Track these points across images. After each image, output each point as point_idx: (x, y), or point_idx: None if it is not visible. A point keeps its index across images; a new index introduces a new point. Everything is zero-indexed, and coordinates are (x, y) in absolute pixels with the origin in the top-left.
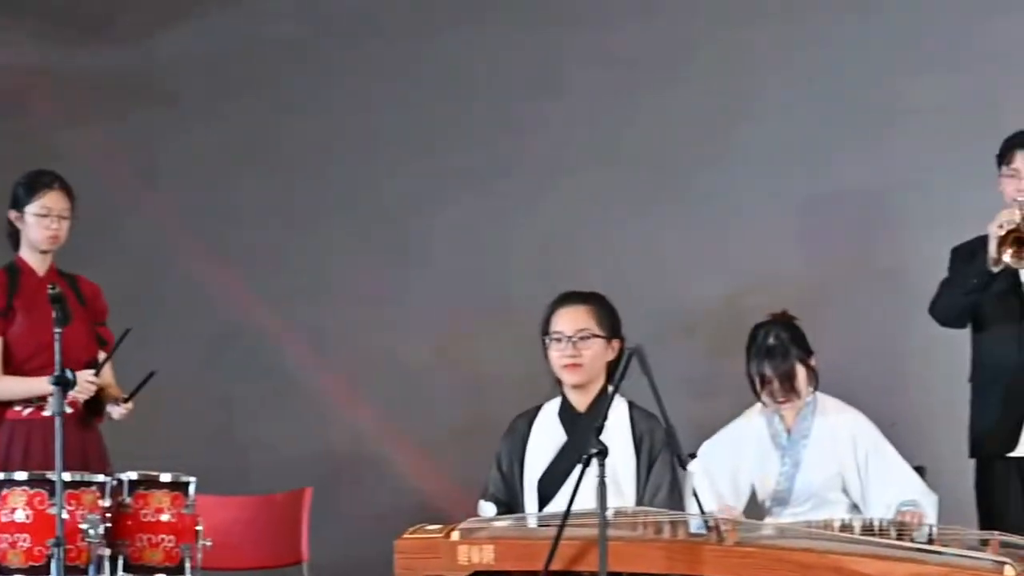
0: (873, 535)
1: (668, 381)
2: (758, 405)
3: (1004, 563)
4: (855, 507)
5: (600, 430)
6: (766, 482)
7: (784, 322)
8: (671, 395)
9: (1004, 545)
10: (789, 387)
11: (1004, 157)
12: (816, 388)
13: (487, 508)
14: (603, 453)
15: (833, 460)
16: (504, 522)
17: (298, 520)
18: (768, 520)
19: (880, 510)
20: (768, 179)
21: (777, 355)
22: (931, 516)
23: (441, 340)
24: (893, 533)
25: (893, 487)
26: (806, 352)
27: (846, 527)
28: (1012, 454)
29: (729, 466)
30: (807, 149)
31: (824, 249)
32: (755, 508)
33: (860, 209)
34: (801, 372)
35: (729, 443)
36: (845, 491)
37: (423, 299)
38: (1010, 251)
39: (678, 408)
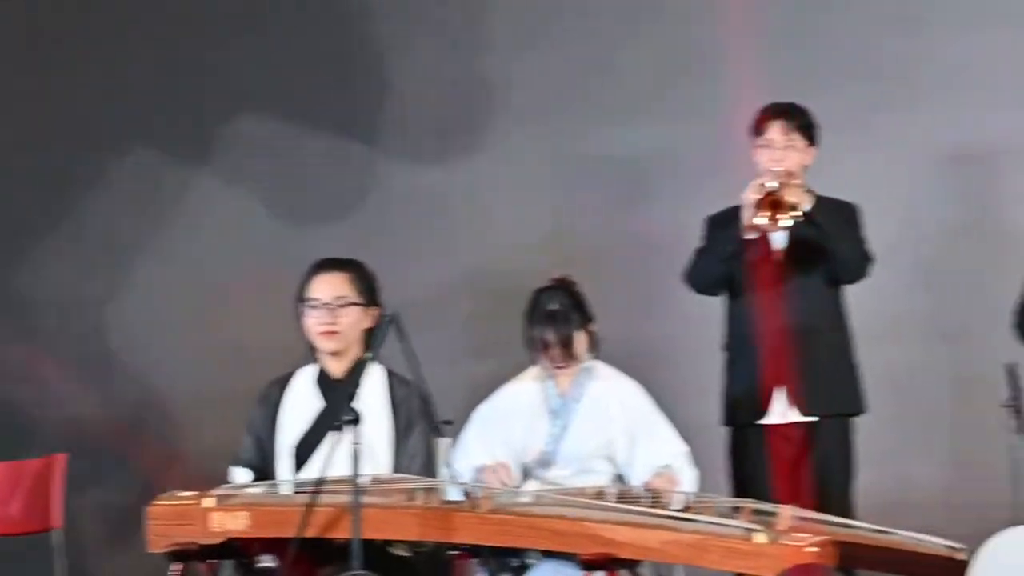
0: (628, 503)
1: (447, 344)
2: (534, 368)
3: (754, 530)
4: (619, 478)
5: (353, 397)
6: (533, 444)
7: (565, 287)
8: (452, 358)
9: (756, 512)
10: (568, 353)
11: (757, 128)
12: (596, 355)
13: (240, 474)
14: (356, 420)
15: (602, 426)
16: (258, 489)
17: (49, 487)
18: (531, 483)
19: (642, 476)
20: (539, 141)
21: (558, 320)
22: (687, 484)
23: (200, 306)
24: (647, 499)
25: (655, 454)
26: (587, 318)
27: (602, 494)
28: (763, 422)
29: (501, 428)
30: (573, 115)
31: (596, 215)
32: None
33: (627, 176)
34: (581, 338)
35: (502, 405)
36: (611, 460)
37: (183, 264)
38: (765, 216)
39: (459, 371)
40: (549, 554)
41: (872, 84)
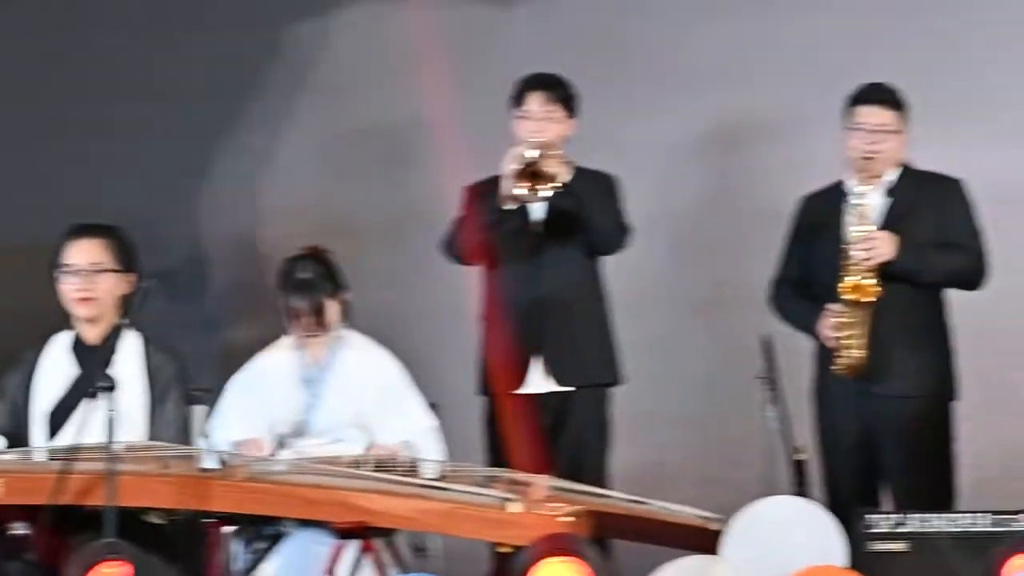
0: (384, 471)
1: (205, 312)
2: (287, 337)
3: (508, 500)
4: (374, 446)
5: (108, 363)
6: (287, 413)
7: (317, 256)
8: (210, 326)
9: (510, 482)
10: (320, 321)
11: (517, 99)
12: (348, 323)
13: None
14: (111, 387)
15: (355, 395)
16: (11, 455)
17: None
18: (285, 451)
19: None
20: (300, 112)
21: (309, 289)
22: (429, 454)
23: None
24: (367, 467)
25: (401, 427)
26: (338, 287)
27: (357, 463)
28: (521, 391)
29: (256, 398)
30: (339, 85)
31: (354, 183)
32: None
33: (385, 145)
34: (332, 307)
35: (256, 375)
36: (365, 429)
37: None
38: (524, 187)
39: (216, 339)
40: (304, 522)
41: (634, 61)
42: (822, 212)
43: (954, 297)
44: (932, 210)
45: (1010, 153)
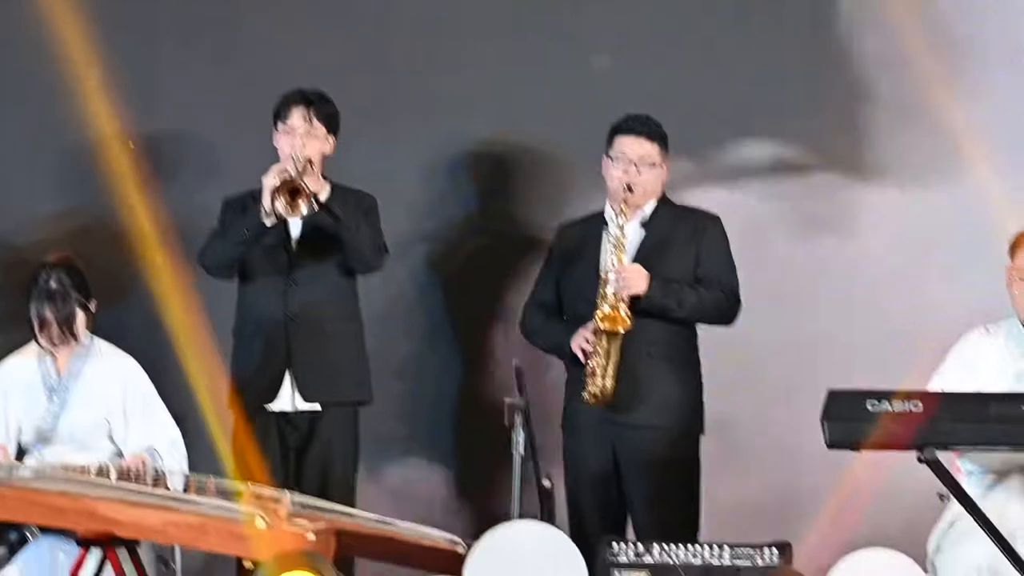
0: (131, 481)
1: None
2: (33, 345)
3: (255, 515)
4: (120, 455)
5: None
6: (32, 420)
7: (67, 265)
8: None
9: (258, 497)
10: (68, 331)
11: (279, 114)
12: (93, 332)
13: None
14: None
15: (101, 404)
16: None
17: None
18: (28, 459)
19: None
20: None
21: (57, 298)
22: (171, 464)
23: None
24: (114, 476)
25: (144, 434)
26: (87, 296)
27: (103, 472)
28: (271, 407)
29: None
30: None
31: (109, 193)
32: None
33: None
34: (81, 316)
35: (1, 380)
36: (111, 438)
37: None
38: (283, 202)
39: None
40: (48, 529)
41: (397, 83)
42: (579, 240)
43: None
44: (687, 245)
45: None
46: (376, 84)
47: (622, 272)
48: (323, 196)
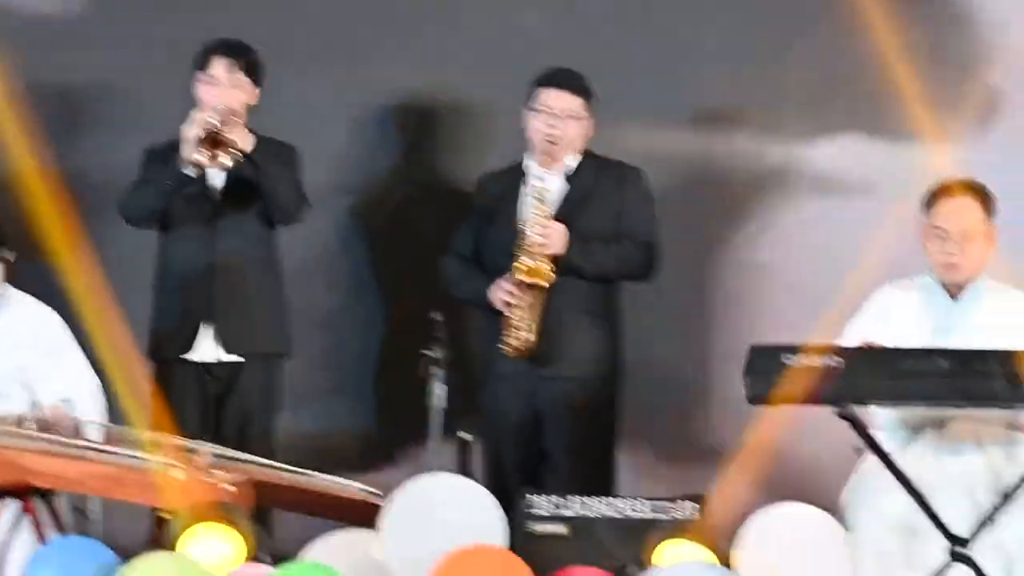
0: (48, 431)
1: None
2: None
3: (173, 465)
4: (37, 404)
5: None
6: None
7: None
8: None
9: (176, 448)
10: None
11: (201, 63)
12: (9, 281)
13: None
14: None
15: (16, 353)
16: None
17: None
18: None
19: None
20: None
21: None
22: (90, 414)
23: None
24: (34, 427)
25: (61, 383)
26: (1, 245)
27: (21, 422)
28: (192, 357)
29: None
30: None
31: (23, 144)
32: None
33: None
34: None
35: None
36: (27, 386)
37: None
38: (205, 153)
39: None
40: None
41: (322, 31)
42: (499, 192)
43: None
44: (609, 198)
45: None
46: (300, 34)
47: (545, 229)
48: (246, 147)
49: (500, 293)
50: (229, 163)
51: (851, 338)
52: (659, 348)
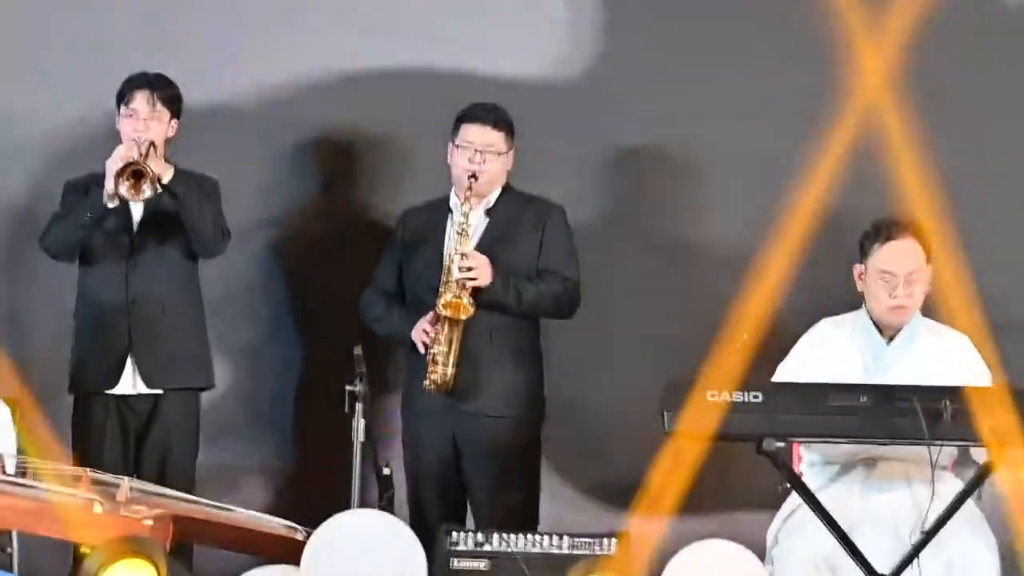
0: None
1: None
2: None
3: (94, 500)
4: None
5: None
6: None
7: None
8: None
9: (96, 483)
10: None
11: (123, 97)
12: None
13: None
14: None
15: None
16: None
17: None
18: None
19: None
20: None
21: None
22: (3, 448)
23: None
24: None
25: None
26: None
27: None
28: (111, 391)
29: None
30: None
31: None
32: None
33: None
34: None
35: None
36: None
37: None
38: (127, 185)
39: None
40: None
41: (239, 63)
42: (424, 226)
43: None
44: (530, 233)
45: None
46: (221, 69)
47: (470, 262)
48: (166, 179)
49: (419, 335)
50: (149, 195)
51: (785, 374)
52: (580, 383)
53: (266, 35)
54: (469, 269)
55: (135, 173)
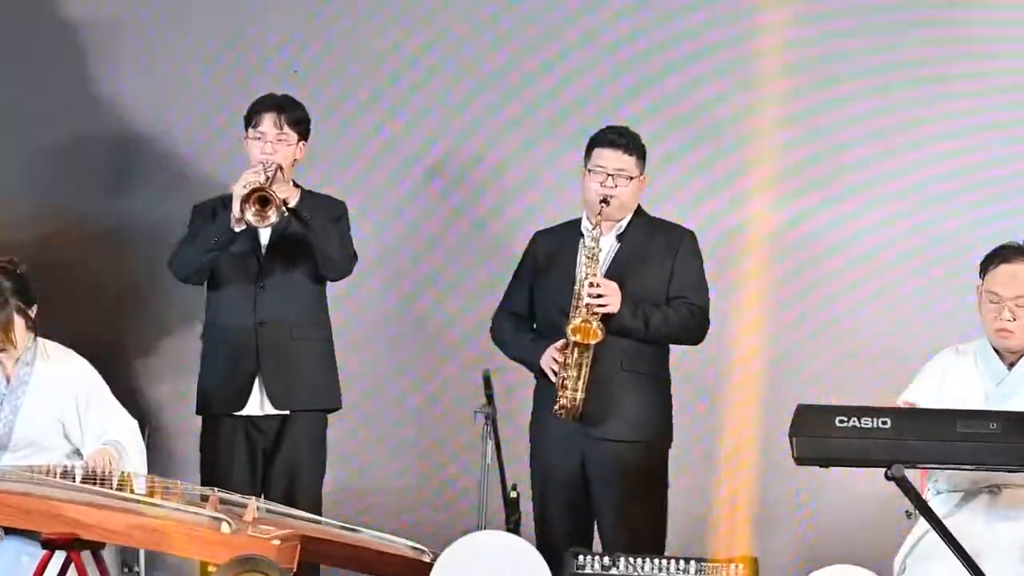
0: (94, 484)
1: None
2: None
3: (222, 519)
4: (77, 453)
5: None
6: None
7: (4, 270)
8: None
9: (223, 502)
10: (5, 337)
11: (250, 120)
12: (36, 335)
13: None
14: None
15: (53, 406)
16: None
17: None
18: None
19: (91, 451)
20: None
21: None
22: (132, 459)
23: None
24: (78, 475)
25: (103, 430)
26: (26, 302)
27: (67, 474)
28: (239, 412)
29: None
30: None
31: (80, 197)
32: None
33: (116, 158)
34: (20, 322)
35: None
36: (67, 437)
37: None
38: (253, 210)
39: None
40: (13, 531)
41: (368, 85)
42: (555, 249)
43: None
44: (661, 260)
45: None
46: (348, 88)
47: (600, 289)
48: (292, 202)
49: (548, 362)
50: (275, 219)
51: (907, 401)
52: (710, 407)
53: (402, 48)
54: (599, 296)
55: (261, 199)
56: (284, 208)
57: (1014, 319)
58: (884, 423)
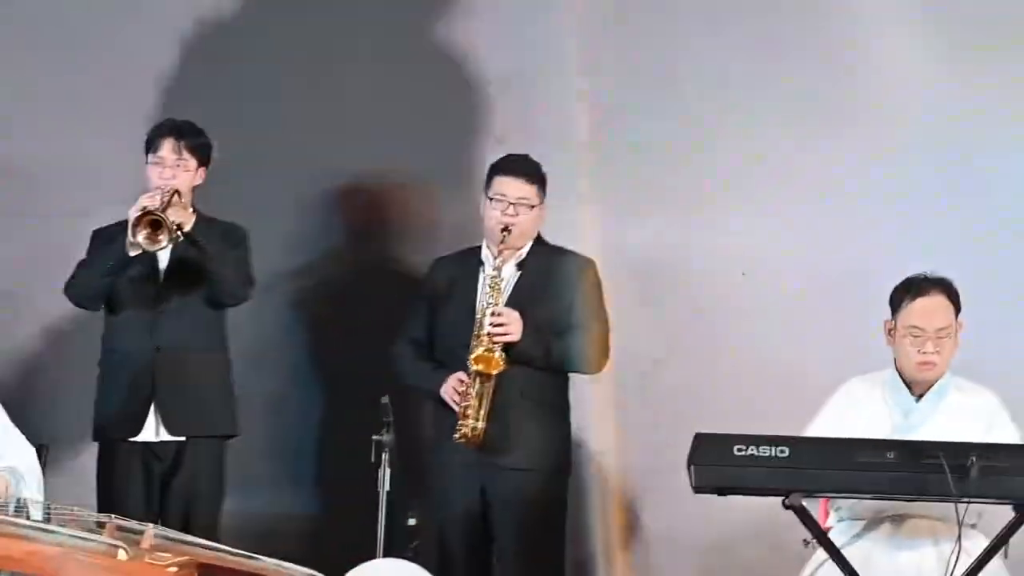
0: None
1: None
2: None
3: (118, 547)
4: None
5: None
6: None
7: None
8: None
9: (120, 529)
10: None
11: (150, 144)
12: None
13: None
14: None
15: None
16: None
17: None
18: None
19: None
20: None
21: None
22: (30, 491)
23: None
24: (8, 507)
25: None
26: None
27: None
28: (135, 439)
29: None
30: None
31: None
32: None
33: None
34: None
35: None
36: None
37: None
38: (144, 233)
39: None
40: None
41: (270, 110)
42: (454, 277)
43: None
44: (562, 288)
45: None
46: (252, 115)
47: (501, 319)
48: (188, 227)
49: (450, 392)
50: (166, 244)
51: (814, 430)
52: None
53: (294, 81)
54: (501, 325)
55: (153, 223)
56: (179, 233)
57: (937, 351)
58: (782, 452)
